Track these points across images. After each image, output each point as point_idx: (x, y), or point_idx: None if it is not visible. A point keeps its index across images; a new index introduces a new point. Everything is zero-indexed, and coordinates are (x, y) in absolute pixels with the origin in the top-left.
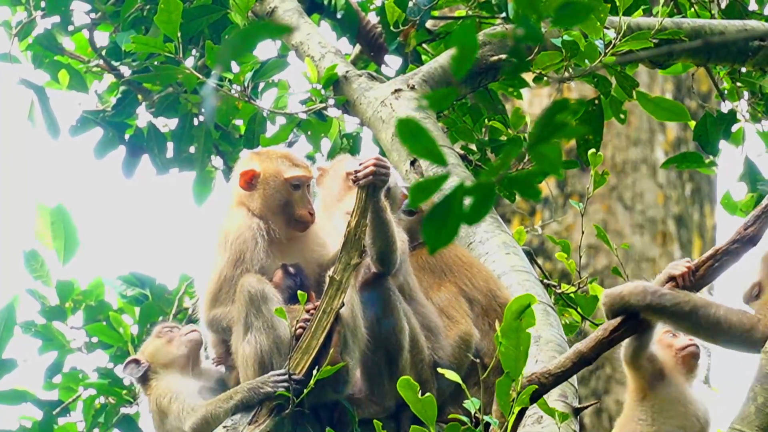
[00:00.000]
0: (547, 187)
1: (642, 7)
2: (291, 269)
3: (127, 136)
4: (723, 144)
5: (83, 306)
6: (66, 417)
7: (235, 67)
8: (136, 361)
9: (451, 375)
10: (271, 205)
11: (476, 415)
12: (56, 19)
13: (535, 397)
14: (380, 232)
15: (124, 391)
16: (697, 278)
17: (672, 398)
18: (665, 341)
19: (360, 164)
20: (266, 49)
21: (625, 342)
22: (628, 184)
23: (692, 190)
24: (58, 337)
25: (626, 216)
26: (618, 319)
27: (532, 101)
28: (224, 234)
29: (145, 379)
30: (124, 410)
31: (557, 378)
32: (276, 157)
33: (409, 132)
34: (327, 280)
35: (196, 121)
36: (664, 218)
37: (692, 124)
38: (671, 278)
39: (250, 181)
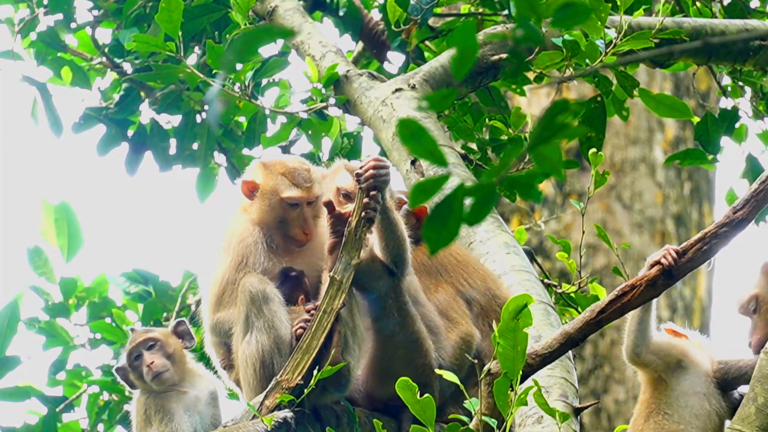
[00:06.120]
0: (545, 186)
1: (643, 6)
2: (293, 273)
3: (130, 133)
4: (723, 142)
5: (87, 303)
6: (70, 413)
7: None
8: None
9: (450, 376)
10: (267, 219)
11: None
12: (59, 16)
13: (524, 377)
14: (391, 233)
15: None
16: (685, 261)
17: (696, 392)
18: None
19: (360, 166)
20: (268, 48)
21: (624, 341)
22: (627, 184)
23: (691, 189)
24: (61, 334)
25: (625, 215)
26: (605, 300)
27: (530, 100)
28: (227, 237)
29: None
30: (127, 407)
31: (544, 359)
32: (278, 173)
33: (410, 132)
34: (327, 279)
35: (198, 118)
36: (662, 217)
37: (695, 120)
38: (656, 263)
39: (252, 190)
